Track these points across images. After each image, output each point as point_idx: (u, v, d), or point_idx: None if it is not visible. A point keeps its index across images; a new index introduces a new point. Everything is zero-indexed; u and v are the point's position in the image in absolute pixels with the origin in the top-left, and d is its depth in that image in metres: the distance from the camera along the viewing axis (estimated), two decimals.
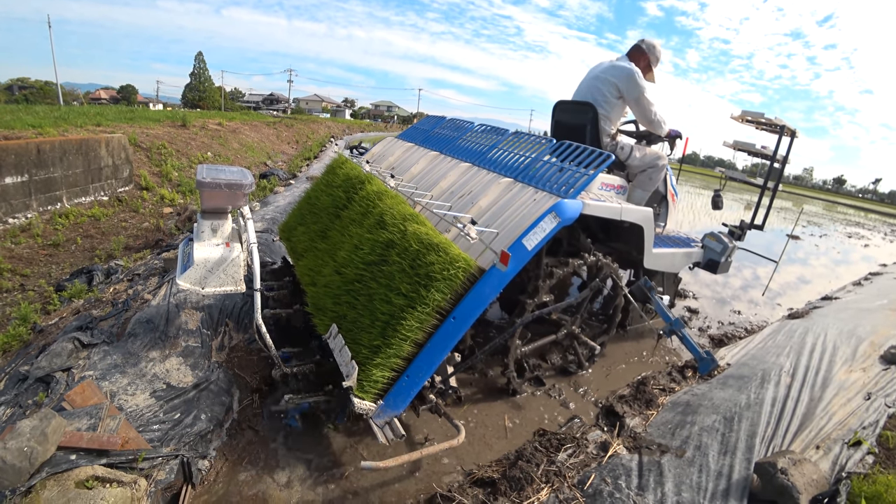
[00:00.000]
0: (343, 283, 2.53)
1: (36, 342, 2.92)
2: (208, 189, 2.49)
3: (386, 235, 2.52)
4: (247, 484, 2.12)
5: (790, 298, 5.94)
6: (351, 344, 2.23)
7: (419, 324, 2.13)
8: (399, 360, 2.15)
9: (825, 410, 2.71)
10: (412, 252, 2.30)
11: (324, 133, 26.16)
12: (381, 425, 2.20)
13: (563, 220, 2.33)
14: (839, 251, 10.85)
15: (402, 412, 2.24)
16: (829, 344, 3.52)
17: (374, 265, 2.45)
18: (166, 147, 9.33)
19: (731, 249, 3.97)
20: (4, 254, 4.43)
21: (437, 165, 3.45)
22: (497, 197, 2.74)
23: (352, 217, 2.96)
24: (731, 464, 2.28)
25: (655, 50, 3.55)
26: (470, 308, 2.16)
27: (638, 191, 3.65)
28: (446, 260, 2.17)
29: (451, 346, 2.19)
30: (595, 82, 3.53)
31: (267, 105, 69.63)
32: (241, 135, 14.38)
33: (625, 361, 3.69)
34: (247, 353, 3.06)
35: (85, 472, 1.75)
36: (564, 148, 2.85)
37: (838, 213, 26.34)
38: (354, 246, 2.66)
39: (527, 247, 2.25)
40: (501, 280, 2.18)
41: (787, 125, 3.90)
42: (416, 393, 2.22)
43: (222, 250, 2.50)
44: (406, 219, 2.55)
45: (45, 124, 6.76)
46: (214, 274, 2.48)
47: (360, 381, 2.10)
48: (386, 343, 2.13)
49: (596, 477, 2.22)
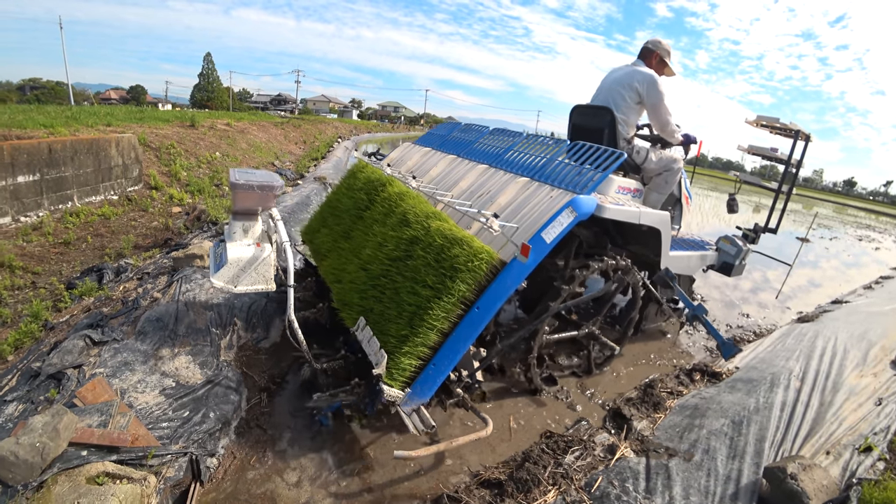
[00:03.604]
0: (369, 279, 2.65)
1: (47, 339, 2.95)
2: (241, 190, 2.57)
3: (410, 232, 2.64)
4: (255, 482, 2.14)
5: (800, 302, 5.89)
6: (379, 334, 2.34)
7: (445, 313, 2.24)
8: (426, 348, 2.25)
9: (835, 415, 2.69)
10: (436, 246, 2.42)
11: (331, 133, 26.24)
12: (409, 413, 2.27)
13: (579, 214, 2.40)
14: (850, 254, 10.74)
15: (428, 400, 2.31)
16: (840, 348, 3.48)
17: (400, 260, 2.57)
18: (175, 147, 9.40)
19: (745, 252, 4.01)
20: (17, 252, 4.48)
21: (455, 168, 3.57)
22: (515, 195, 2.83)
23: (374, 217, 3.08)
24: (740, 468, 2.26)
25: (661, 45, 3.57)
26: (493, 298, 2.26)
27: (654, 194, 3.66)
28: (470, 252, 2.28)
29: (475, 336, 2.29)
30: (615, 86, 3.52)
31: (275, 105, 69.98)
32: (249, 135, 14.46)
33: (632, 364, 3.68)
34: (255, 352, 3.07)
35: (96, 468, 1.77)
36: (578, 148, 2.92)
37: (849, 215, 26.07)
38: (379, 244, 2.78)
39: (545, 240, 2.33)
40: (522, 271, 2.27)
41: (801, 130, 3.91)
42: (442, 381, 2.31)
43: (254, 250, 2.59)
44: (429, 216, 2.67)
45: (57, 124, 6.82)
46: (246, 273, 2.57)
47: (389, 370, 2.20)
48: (413, 332, 2.24)
49: (603, 480, 2.21)
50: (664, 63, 3.58)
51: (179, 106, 52.11)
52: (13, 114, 8.26)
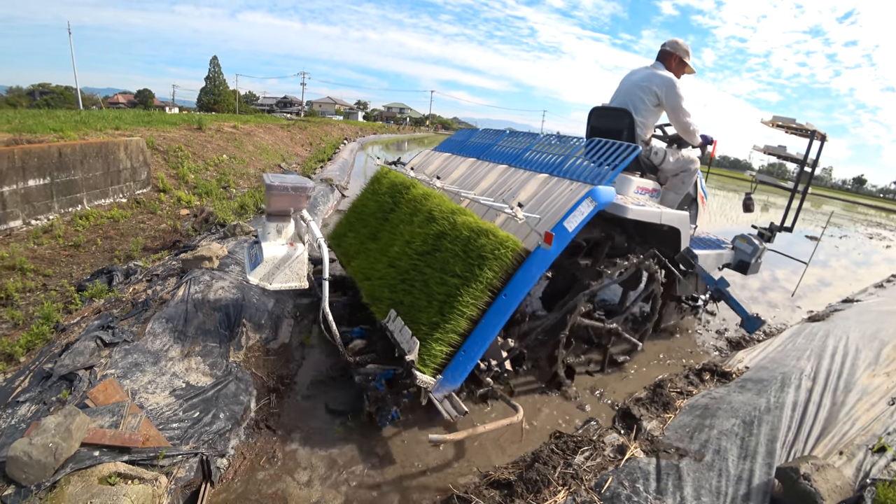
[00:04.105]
0: (398, 274, 2.81)
1: (59, 341, 2.97)
2: (276, 192, 2.67)
3: (436, 228, 2.78)
4: (265, 482, 2.14)
5: (810, 301, 5.83)
6: (410, 324, 2.45)
7: (473, 300, 2.34)
8: (456, 335, 2.35)
9: (848, 415, 2.65)
10: (463, 238, 2.56)
11: (337, 135, 26.32)
12: (441, 399, 2.36)
13: (598, 204, 2.47)
14: (860, 252, 10.63)
15: (459, 386, 2.40)
16: (851, 347, 3.44)
17: (427, 254, 2.70)
18: (183, 150, 9.46)
19: (761, 251, 4.06)
20: (27, 254, 4.53)
21: (475, 170, 3.70)
22: (535, 190, 2.93)
23: (400, 218, 3.26)
24: (752, 468, 2.24)
25: (679, 46, 3.61)
26: (519, 285, 2.35)
27: (671, 193, 3.70)
28: (496, 241, 2.40)
29: (503, 322, 2.38)
30: (634, 89, 3.55)
31: (281, 108, 70.28)
32: (255, 137, 14.54)
33: (641, 364, 3.66)
34: (264, 353, 3.09)
35: (108, 468, 1.78)
36: (594, 144, 2.99)
37: (858, 213, 25.81)
38: (406, 241, 2.95)
39: (568, 228, 2.41)
40: (546, 259, 2.37)
41: (817, 130, 3.93)
42: (472, 367, 2.38)
43: (287, 249, 2.69)
44: (454, 212, 2.83)
45: (66, 128, 6.89)
46: (281, 270, 2.67)
47: (421, 356, 2.29)
48: (444, 319, 2.35)
49: (613, 480, 2.19)
50: (683, 63, 3.62)
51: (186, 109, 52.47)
52: (24, 118, 8.36)
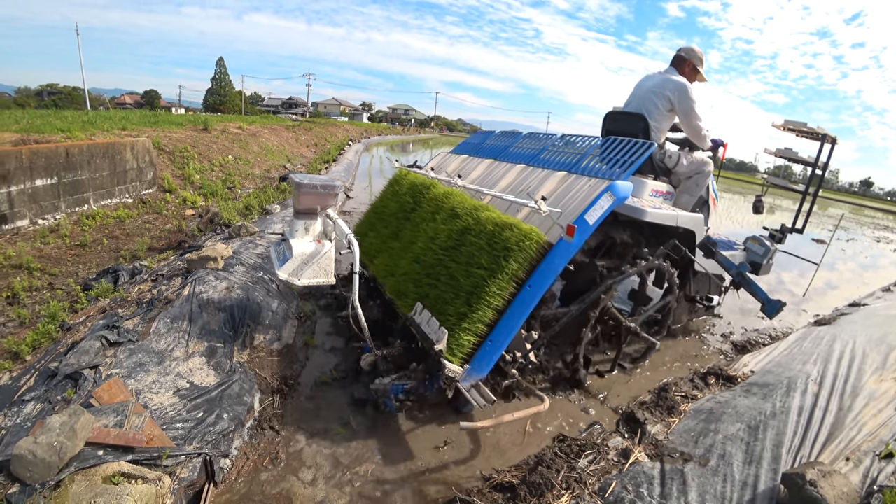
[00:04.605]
0: (422, 269, 2.92)
1: (64, 340, 2.99)
2: (306, 190, 2.76)
3: (460, 223, 2.90)
4: (268, 483, 2.15)
5: (816, 304, 5.79)
6: (437, 315, 2.52)
7: (499, 290, 2.43)
8: (483, 325, 2.43)
9: (855, 421, 2.63)
10: (488, 232, 2.66)
11: (342, 136, 26.39)
12: (468, 388, 2.43)
13: (617, 198, 2.54)
14: (867, 256, 10.55)
15: (485, 376, 2.45)
16: (858, 352, 3.41)
17: (452, 249, 2.82)
18: (188, 150, 9.52)
19: (772, 252, 4.13)
20: (34, 253, 4.56)
21: (493, 170, 3.79)
22: (555, 187, 3.01)
23: (422, 216, 3.36)
24: (757, 474, 2.22)
25: (694, 53, 3.67)
26: (543, 276, 2.43)
27: (685, 196, 3.78)
28: (521, 234, 2.49)
29: (527, 313, 2.45)
30: (648, 94, 3.62)
31: (286, 109, 70.54)
32: (261, 138, 14.60)
33: (646, 367, 3.64)
34: (268, 354, 3.09)
35: (112, 467, 1.79)
36: (609, 143, 3.06)
37: (866, 216, 25.63)
38: (430, 238, 3.07)
39: (588, 221, 2.47)
40: (569, 250, 2.45)
41: (828, 133, 3.98)
42: (498, 357, 2.47)
43: (315, 246, 2.78)
44: (477, 208, 2.93)
45: (74, 128, 6.94)
46: (309, 266, 2.76)
47: (449, 346, 2.36)
48: (471, 309, 2.44)
49: (617, 484, 2.18)
50: (696, 71, 3.69)
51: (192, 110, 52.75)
52: (32, 118, 8.43)
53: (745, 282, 3.57)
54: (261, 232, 5.07)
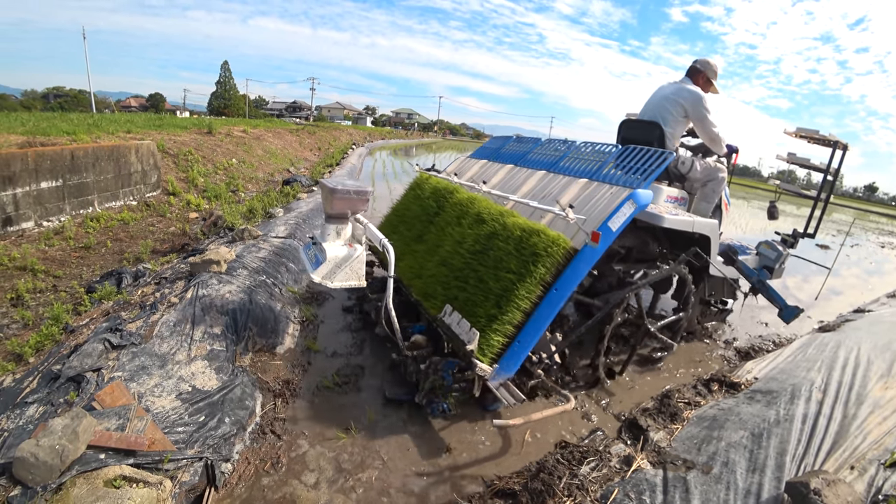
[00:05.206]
0: (450, 272, 3.00)
1: (67, 342, 3.00)
2: (340, 195, 2.82)
3: (487, 229, 2.99)
4: (270, 488, 2.14)
5: (820, 310, 5.75)
6: (467, 317, 2.60)
7: (528, 293, 2.53)
8: (511, 327, 2.52)
9: (860, 429, 2.61)
10: (515, 238, 2.75)
11: (345, 140, 26.47)
12: (497, 386, 2.52)
13: (638, 206, 2.65)
14: (871, 261, 10.49)
15: (513, 374, 2.53)
16: (863, 359, 3.38)
17: (480, 253, 2.90)
18: (193, 153, 9.56)
19: (784, 256, 4.18)
20: (38, 255, 4.58)
21: (514, 175, 3.87)
22: (577, 194, 3.08)
23: (447, 220, 3.44)
24: (761, 482, 2.21)
25: (710, 65, 3.78)
26: (569, 280, 2.54)
27: (703, 203, 3.88)
28: (548, 240, 2.59)
29: (553, 314, 2.55)
30: (663, 103, 3.73)
31: (290, 112, 70.80)
32: (264, 142, 14.65)
33: (648, 374, 3.62)
34: (270, 358, 3.09)
35: (113, 471, 1.79)
36: (629, 151, 3.14)
37: (870, 221, 25.51)
38: (456, 241, 3.16)
39: (612, 228, 2.59)
40: (593, 255, 2.55)
41: (839, 140, 4.03)
42: (525, 356, 2.55)
43: (347, 249, 2.83)
44: (502, 214, 3.02)
45: (79, 131, 6.98)
46: (342, 269, 2.80)
47: (480, 346, 2.47)
48: (501, 311, 2.53)
49: (619, 492, 2.17)
50: (710, 83, 3.81)
51: (197, 113, 53.01)
52: (37, 121, 8.48)
53: (764, 288, 3.69)
54: (264, 235, 5.08)
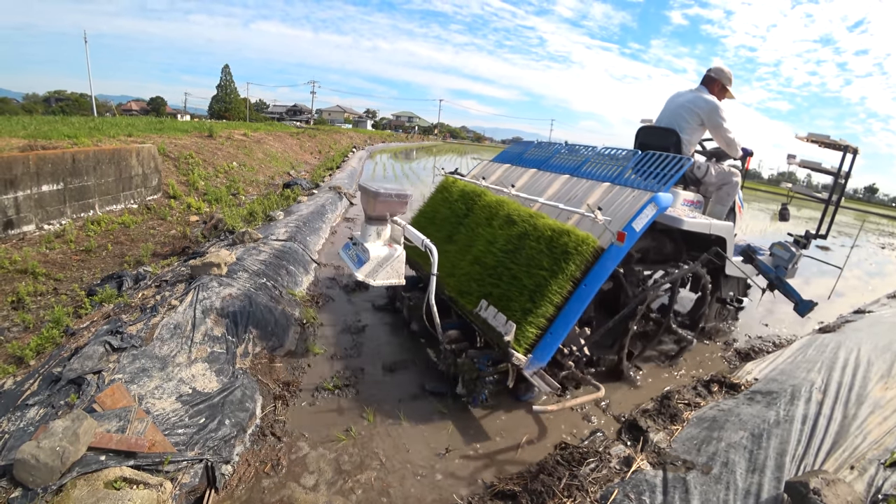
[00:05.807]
0: (483, 270, 3.18)
1: (68, 344, 3.00)
2: (382, 199, 2.95)
3: (518, 229, 3.17)
4: (270, 490, 2.14)
5: (820, 311, 5.74)
6: (503, 311, 2.78)
7: (559, 289, 2.71)
8: (544, 319, 2.70)
9: (860, 429, 2.61)
10: (546, 238, 2.92)
11: (346, 143, 26.52)
12: (531, 375, 2.67)
13: (660, 208, 2.79)
14: (872, 262, 10.49)
15: (546, 364, 2.71)
16: (864, 359, 3.38)
17: (512, 252, 3.08)
18: (193, 157, 9.59)
19: (797, 257, 4.28)
20: (40, 259, 4.60)
21: (538, 179, 4.01)
22: (600, 197, 3.24)
23: (477, 221, 3.64)
24: (760, 482, 2.21)
25: (724, 73, 3.91)
26: (597, 276, 2.71)
27: (718, 206, 4.01)
28: (578, 239, 2.77)
29: (583, 308, 2.71)
30: (679, 110, 3.87)
31: (291, 116, 70.96)
32: (265, 145, 14.70)
33: (648, 375, 3.62)
34: (270, 360, 3.10)
35: (113, 472, 1.79)
36: (648, 157, 3.27)
37: (871, 222, 25.47)
38: (488, 241, 3.33)
39: (635, 229, 2.74)
40: (619, 254, 2.72)
41: (850, 144, 4.11)
42: (557, 347, 2.72)
43: (388, 249, 2.97)
44: (532, 215, 3.20)
45: (80, 135, 7.02)
46: (383, 268, 2.94)
47: (515, 338, 2.64)
48: (535, 305, 2.71)
49: (619, 492, 2.17)
50: (725, 90, 3.92)
51: (198, 117, 53.14)
52: (39, 125, 8.52)
53: (781, 284, 3.99)
54: (264, 238, 5.09)
